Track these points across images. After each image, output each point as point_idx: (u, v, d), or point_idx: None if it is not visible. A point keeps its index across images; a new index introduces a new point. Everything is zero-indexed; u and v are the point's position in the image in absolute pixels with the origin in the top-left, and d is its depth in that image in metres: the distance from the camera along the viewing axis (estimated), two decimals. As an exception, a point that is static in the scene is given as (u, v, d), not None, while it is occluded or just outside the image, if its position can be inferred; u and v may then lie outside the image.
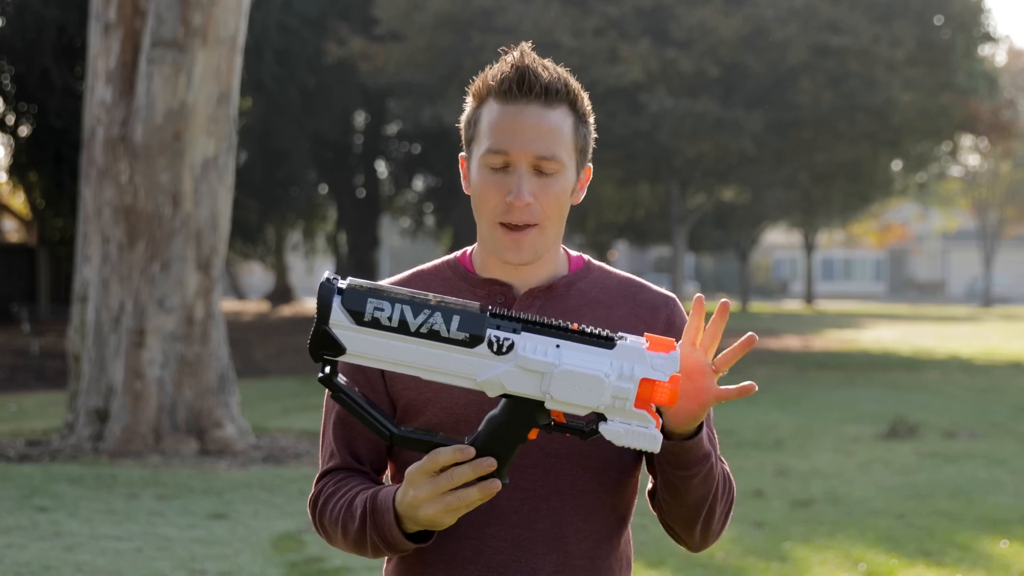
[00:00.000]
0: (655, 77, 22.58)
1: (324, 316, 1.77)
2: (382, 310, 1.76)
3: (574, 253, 2.15)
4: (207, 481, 9.10)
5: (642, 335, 1.85)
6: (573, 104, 2.01)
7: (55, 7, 21.88)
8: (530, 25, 22.05)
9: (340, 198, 33.79)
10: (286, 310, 39.39)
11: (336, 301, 1.77)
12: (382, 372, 2.07)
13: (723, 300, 1.88)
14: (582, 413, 1.78)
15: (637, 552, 5.99)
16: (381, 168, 34.60)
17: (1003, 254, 59.97)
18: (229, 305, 39.70)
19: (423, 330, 1.75)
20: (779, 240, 65.98)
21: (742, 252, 44.28)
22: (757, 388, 1.89)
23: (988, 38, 25.77)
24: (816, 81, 23.15)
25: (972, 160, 47.91)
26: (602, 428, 1.78)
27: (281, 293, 42.66)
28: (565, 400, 1.76)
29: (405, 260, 66.52)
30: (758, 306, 49.39)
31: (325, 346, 1.78)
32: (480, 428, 1.83)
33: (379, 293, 1.77)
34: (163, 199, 10.38)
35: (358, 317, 1.76)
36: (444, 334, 1.75)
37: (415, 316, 1.76)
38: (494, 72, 2.00)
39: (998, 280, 62.72)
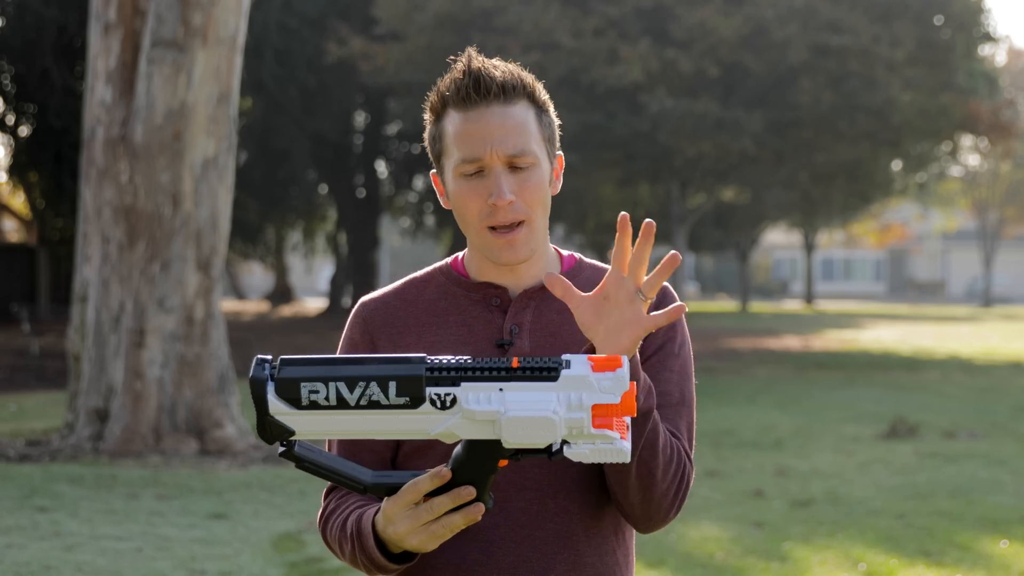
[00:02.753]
0: (655, 77, 22.58)
1: (263, 407, 1.75)
2: (317, 392, 1.74)
3: (565, 252, 2.15)
4: (207, 481, 9.10)
5: (584, 355, 1.79)
6: (531, 97, 2.01)
7: (55, 7, 21.88)
8: (530, 25, 22.06)
9: (340, 198, 33.80)
10: (286, 310, 39.40)
11: (270, 390, 1.75)
12: None
13: (647, 220, 1.83)
14: (540, 447, 1.77)
15: (637, 552, 5.99)
16: (381, 168, 34.61)
17: (1003, 254, 59.97)
18: (229, 305, 39.71)
19: (363, 402, 1.74)
20: (779, 240, 65.99)
21: (742, 252, 44.28)
22: (687, 309, 1.85)
23: (988, 38, 25.78)
24: (816, 81, 23.16)
25: (972, 160, 47.93)
26: (567, 451, 1.76)
27: (281, 293, 42.68)
28: (519, 443, 1.75)
29: (405, 260, 66.48)
30: (758, 306, 49.40)
31: (275, 433, 1.78)
32: (450, 467, 1.83)
33: (311, 374, 1.75)
34: (163, 199, 10.38)
35: (295, 403, 1.75)
36: (384, 402, 1.74)
37: (352, 391, 1.74)
38: (447, 83, 2.00)
39: (998, 280, 62.72)
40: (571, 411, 1.72)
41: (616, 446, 1.74)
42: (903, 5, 23.52)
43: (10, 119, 26.02)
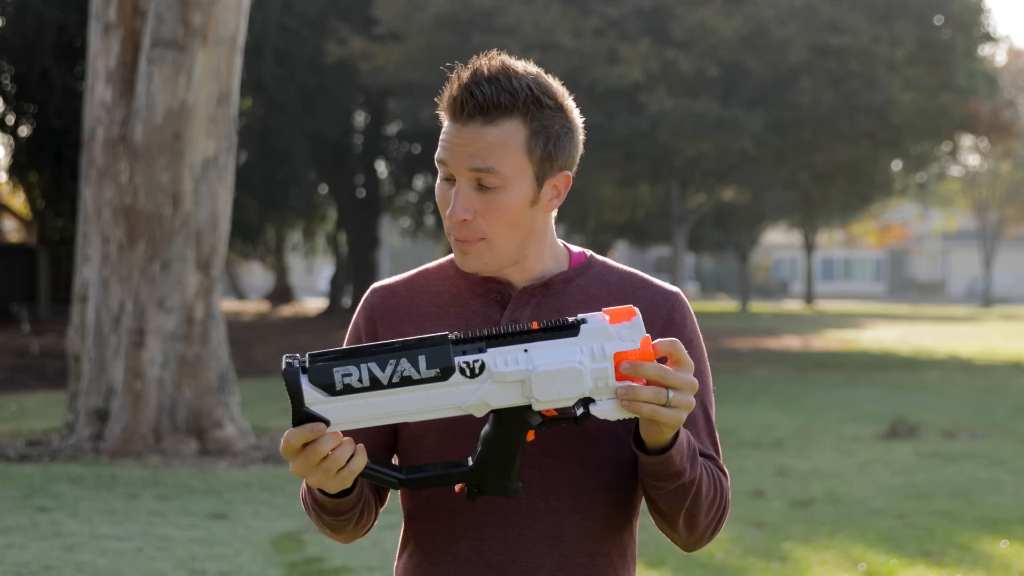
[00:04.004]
0: (655, 77, 22.59)
1: (299, 399, 1.78)
2: (350, 375, 1.77)
3: (576, 249, 2.13)
4: (207, 481, 9.10)
5: (600, 311, 1.85)
6: (526, 114, 1.96)
7: (55, 7, 21.88)
8: (530, 25, 22.06)
9: (340, 198, 33.80)
10: (286, 310, 39.40)
11: (304, 381, 1.78)
12: None
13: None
14: (569, 404, 1.81)
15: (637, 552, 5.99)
16: (381, 168, 34.60)
17: (1003, 254, 59.97)
18: (229, 305, 39.71)
19: (395, 380, 1.77)
20: (779, 240, 65.98)
21: (742, 252, 44.28)
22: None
23: (988, 38, 25.78)
24: (816, 81, 23.16)
25: (972, 160, 47.94)
26: (593, 410, 1.81)
27: (281, 293, 42.67)
28: (550, 399, 1.79)
29: (405, 260, 66.49)
30: (758, 306, 49.40)
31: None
32: (478, 446, 1.85)
33: (342, 360, 1.78)
34: (163, 199, 10.38)
35: (330, 389, 1.77)
36: (416, 376, 1.77)
37: (383, 369, 1.77)
38: (449, 86, 2.00)
39: (998, 280, 62.72)
40: (595, 361, 1.79)
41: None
42: (903, 5, 23.52)
43: (10, 119, 26.01)
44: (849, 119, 23.94)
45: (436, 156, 2.00)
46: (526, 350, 1.79)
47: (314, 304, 44.25)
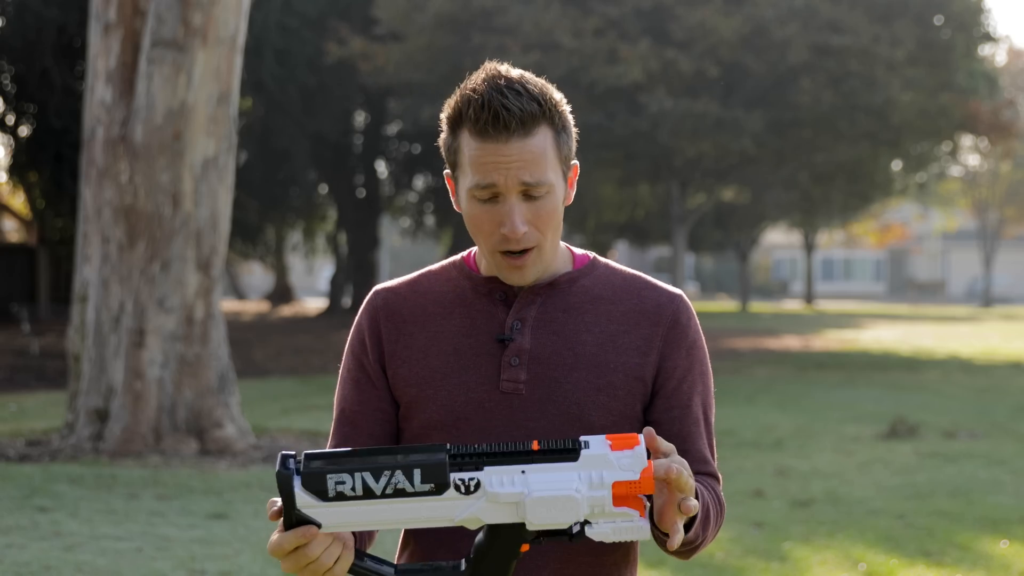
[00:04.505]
0: (655, 77, 22.58)
1: (290, 501, 1.78)
2: (343, 483, 1.76)
3: (579, 251, 2.14)
4: (207, 481, 9.10)
5: (605, 437, 1.81)
6: (551, 119, 1.99)
7: (55, 7, 21.88)
8: (530, 25, 22.06)
9: (340, 198, 33.79)
10: (286, 310, 39.40)
11: (297, 484, 1.77)
12: (384, 370, 2.09)
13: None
14: (563, 528, 1.81)
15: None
16: (381, 168, 34.60)
17: (1003, 254, 59.96)
18: (229, 305, 39.71)
19: (389, 491, 1.77)
20: (779, 240, 65.97)
21: (742, 252, 44.28)
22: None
23: (988, 38, 25.78)
24: (816, 81, 23.16)
25: (972, 160, 47.92)
26: (588, 532, 1.80)
27: (281, 293, 42.67)
28: (544, 524, 1.78)
29: (405, 260, 66.48)
30: (758, 306, 49.40)
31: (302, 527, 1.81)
32: (471, 554, 1.85)
33: (337, 466, 1.77)
34: (163, 199, 10.38)
35: (322, 495, 1.77)
36: (410, 489, 1.77)
37: (377, 480, 1.76)
38: (464, 102, 1.97)
39: (998, 280, 62.72)
40: (593, 489, 1.77)
41: (636, 524, 1.79)
42: (903, 5, 23.52)
43: (10, 119, 26.01)
44: (849, 119, 23.94)
45: (479, 182, 1.96)
46: (523, 471, 1.77)
47: (314, 304, 44.25)
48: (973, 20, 24.63)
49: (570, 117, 2.05)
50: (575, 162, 2.07)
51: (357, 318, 2.14)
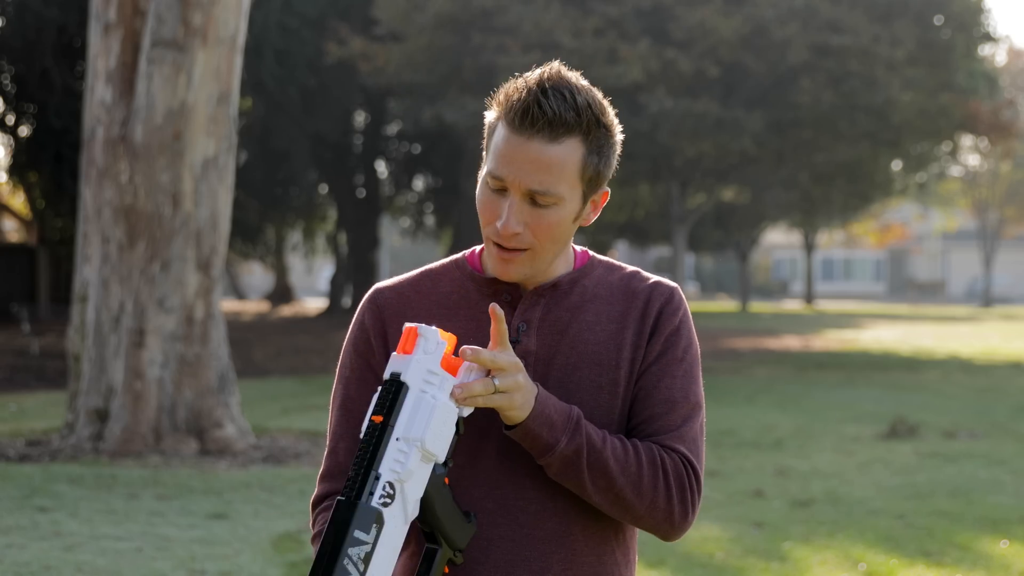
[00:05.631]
0: (655, 77, 22.58)
1: None
2: None
3: (579, 249, 2.14)
4: (207, 481, 9.10)
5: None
6: (587, 133, 1.97)
7: (55, 7, 21.88)
8: (530, 25, 22.06)
9: (340, 198, 33.80)
10: (286, 310, 39.40)
11: None
12: (388, 358, 2.08)
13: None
14: (454, 428, 1.90)
15: (637, 552, 5.99)
16: (381, 168, 34.60)
17: (1003, 254, 59.96)
18: (229, 305, 39.71)
19: (363, 567, 1.83)
20: (779, 240, 65.97)
21: (742, 252, 44.27)
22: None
23: (988, 38, 25.78)
24: (816, 81, 23.16)
25: (972, 160, 47.92)
26: (461, 414, 1.91)
27: (281, 293, 42.67)
28: (449, 443, 1.90)
29: (405, 260, 66.45)
30: (758, 306, 49.40)
31: None
32: (420, 525, 1.95)
33: None
34: (163, 199, 10.38)
35: None
36: (371, 547, 1.84)
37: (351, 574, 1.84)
38: (511, 90, 1.98)
39: (998, 280, 62.71)
40: (436, 383, 1.89)
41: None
42: (903, 5, 23.52)
43: (10, 119, 26.01)
44: (849, 119, 23.94)
45: (491, 170, 1.97)
46: (397, 438, 1.86)
47: (314, 304, 44.24)
48: (973, 20, 24.63)
49: (616, 143, 2.02)
50: (606, 189, 2.04)
51: (358, 316, 2.13)
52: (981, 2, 24.66)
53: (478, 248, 2.14)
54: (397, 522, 1.86)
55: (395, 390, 1.87)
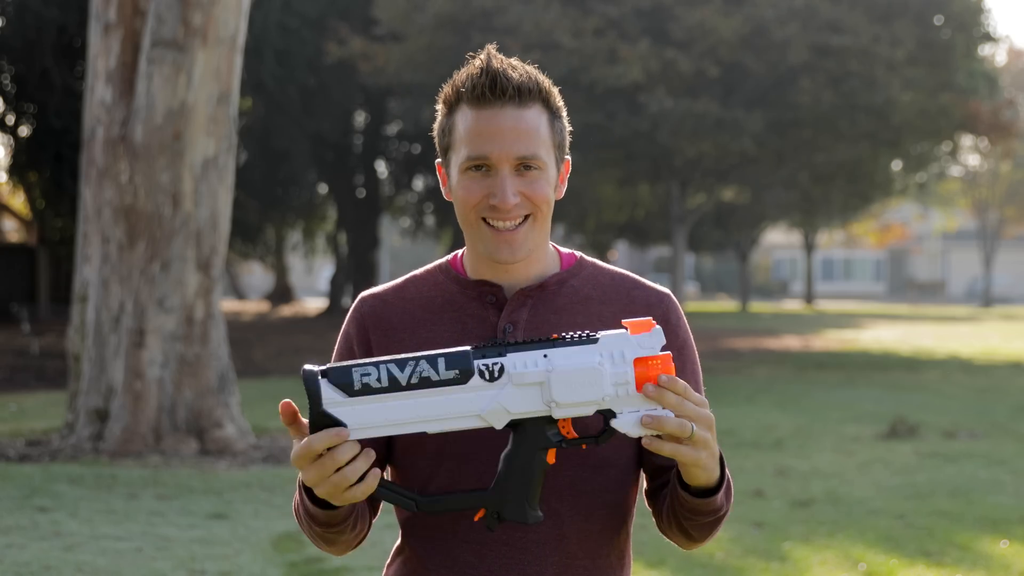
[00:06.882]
0: (655, 77, 22.58)
1: (316, 400, 1.78)
2: (369, 375, 1.77)
3: (565, 250, 2.14)
4: (207, 481, 9.10)
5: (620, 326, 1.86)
6: (546, 101, 2.00)
7: (55, 7, 21.88)
8: (530, 25, 22.06)
9: (340, 198, 33.80)
10: (286, 310, 39.40)
11: (323, 382, 1.78)
12: None
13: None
14: (590, 412, 1.80)
15: (637, 552, 5.99)
16: (381, 168, 34.61)
17: (1003, 254, 59.96)
18: (229, 305, 39.71)
19: (414, 380, 1.77)
20: (779, 240, 65.97)
21: (742, 252, 44.28)
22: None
23: (988, 38, 25.77)
24: (816, 81, 23.16)
25: (972, 160, 47.93)
26: (614, 424, 1.80)
27: (281, 293, 42.68)
28: (570, 401, 1.78)
29: (405, 260, 66.46)
30: (758, 306, 49.40)
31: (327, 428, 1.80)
32: (500, 467, 1.85)
33: (361, 363, 1.79)
34: (163, 199, 10.38)
35: (348, 389, 1.77)
36: (435, 378, 1.77)
37: (402, 370, 1.77)
38: (463, 77, 1.99)
39: (998, 280, 62.71)
40: (615, 365, 1.78)
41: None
42: (903, 5, 23.52)
43: (10, 119, 26.01)
44: (849, 119, 23.95)
45: (471, 154, 1.97)
46: (545, 355, 1.78)
47: (314, 304, 44.25)
48: (973, 20, 24.63)
49: (564, 111, 2.06)
50: (568, 157, 2.07)
51: (344, 326, 2.13)
52: (981, 2, 24.66)
53: (459, 252, 2.13)
54: (472, 401, 1.78)
55: (587, 337, 1.81)
